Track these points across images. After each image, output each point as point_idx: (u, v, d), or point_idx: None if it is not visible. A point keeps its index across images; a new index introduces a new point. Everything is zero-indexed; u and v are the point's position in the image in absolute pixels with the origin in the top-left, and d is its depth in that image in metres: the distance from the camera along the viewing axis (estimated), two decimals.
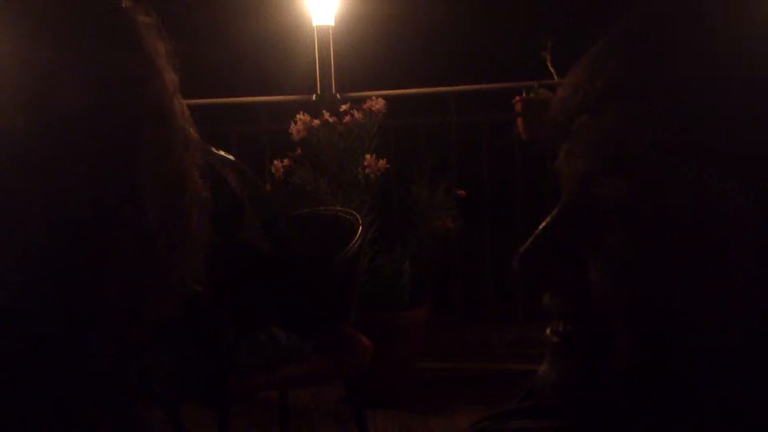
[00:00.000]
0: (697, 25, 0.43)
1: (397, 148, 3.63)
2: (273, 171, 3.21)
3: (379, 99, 3.21)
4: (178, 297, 0.96)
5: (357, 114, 3.18)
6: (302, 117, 3.20)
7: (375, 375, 2.41)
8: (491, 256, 3.74)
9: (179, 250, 0.94)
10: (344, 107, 3.23)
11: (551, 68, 3.29)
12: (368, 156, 3.13)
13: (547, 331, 0.45)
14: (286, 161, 3.22)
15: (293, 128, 3.20)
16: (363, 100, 3.26)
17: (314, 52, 3.60)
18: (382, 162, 3.13)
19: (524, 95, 3.44)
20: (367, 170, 3.11)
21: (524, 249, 0.44)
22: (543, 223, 0.45)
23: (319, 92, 3.62)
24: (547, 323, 0.45)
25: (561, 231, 0.44)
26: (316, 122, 3.18)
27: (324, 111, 3.25)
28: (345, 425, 2.69)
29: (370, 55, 4.26)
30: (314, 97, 3.62)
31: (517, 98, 3.47)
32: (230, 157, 2.00)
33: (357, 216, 2.34)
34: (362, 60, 4.10)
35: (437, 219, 3.24)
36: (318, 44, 3.58)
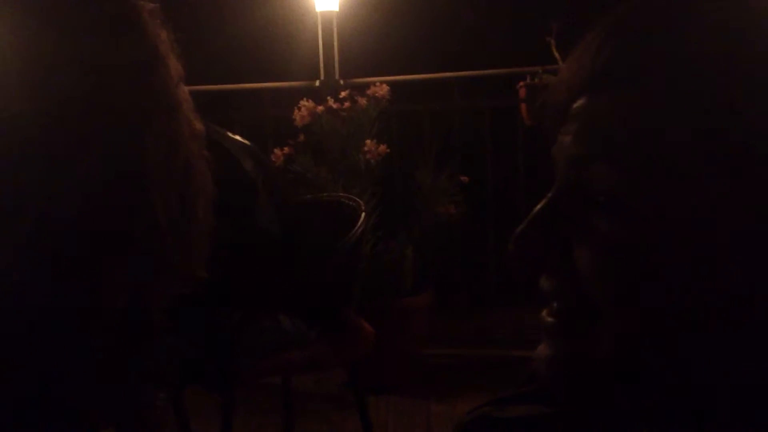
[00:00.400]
0: (689, 14, 0.44)
1: (401, 134, 3.63)
2: (273, 159, 3.20)
3: (383, 85, 3.21)
4: (185, 283, 0.97)
5: (360, 100, 3.18)
6: (306, 103, 3.19)
7: (377, 361, 2.42)
8: (494, 243, 3.74)
9: (186, 238, 0.94)
10: (345, 93, 3.22)
11: (556, 53, 3.27)
12: (368, 141, 3.12)
13: (543, 313, 0.46)
14: (287, 149, 3.21)
15: (297, 114, 3.19)
16: (366, 86, 3.26)
17: (318, 38, 3.59)
18: (383, 147, 3.13)
19: (528, 81, 3.43)
20: (368, 155, 3.11)
21: (518, 232, 0.45)
22: (537, 207, 0.46)
23: (323, 78, 3.61)
24: (544, 306, 0.46)
25: (553, 214, 0.45)
26: (320, 108, 3.17)
27: (328, 97, 3.24)
28: (347, 411, 2.70)
29: (374, 41, 4.25)
30: (317, 83, 3.61)
31: (522, 84, 3.46)
32: (246, 142, 2.00)
33: (359, 202, 2.34)
34: (366, 46, 4.09)
35: (440, 205, 3.24)
36: (321, 30, 3.57)
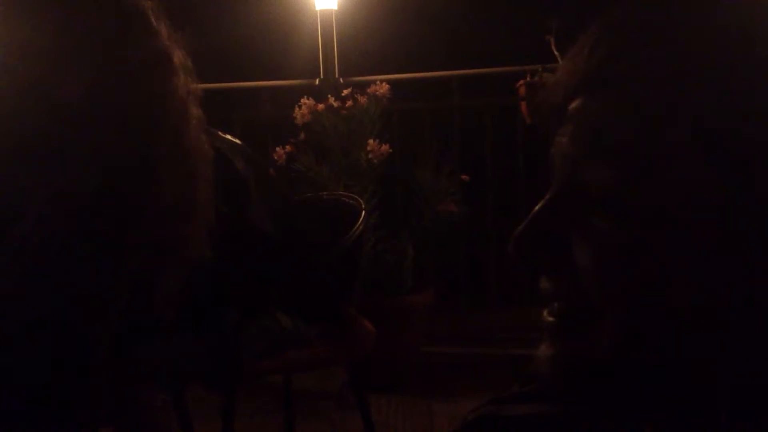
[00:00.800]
0: (683, 14, 0.44)
1: (401, 133, 3.63)
2: (275, 158, 3.20)
3: (383, 83, 3.20)
4: (186, 271, 0.97)
5: (361, 98, 3.17)
6: (307, 101, 3.19)
7: (378, 360, 2.42)
8: (495, 241, 3.74)
9: (188, 224, 0.95)
10: (347, 91, 3.22)
11: (556, 52, 3.27)
12: (371, 141, 3.12)
13: (544, 313, 0.46)
14: (289, 147, 3.21)
15: (297, 112, 3.19)
16: (366, 85, 3.26)
17: (317, 37, 3.59)
18: (386, 146, 3.12)
19: (528, 79, 3.43)
20: (371, 155, 3.11)
21: (518, 233, 0.45)
22: (536, 207, 0.46)
23: (322, 77, 3.61)
24: (545, 306, 0.46)
25: (553, 215, 0.45)
26: (321, 107, 3.17)
27: (329, 96, 3.24)
28: (348, 410, 2.70)
29: (374, 40, 4.25)
30: (317, 82, 3.61)
31: (521, 82, 3.46)
32: (237, 141, 2.00)
33: (360, 200, 2.33)
34: (365, 44, 4.08)
35: (441, 204, 3.24)
36: (321, 28, 3.57)
